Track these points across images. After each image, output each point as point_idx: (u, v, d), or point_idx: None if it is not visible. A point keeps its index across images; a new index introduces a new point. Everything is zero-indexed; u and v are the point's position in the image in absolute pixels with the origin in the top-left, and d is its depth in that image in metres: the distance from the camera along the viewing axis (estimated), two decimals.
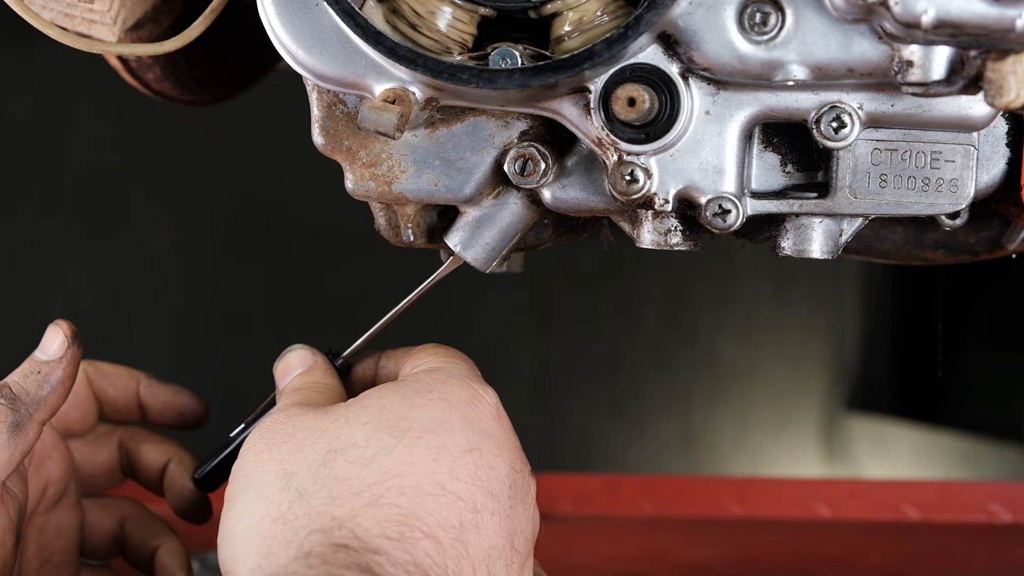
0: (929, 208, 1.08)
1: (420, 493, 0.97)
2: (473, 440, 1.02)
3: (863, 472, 4.34)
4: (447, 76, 0.99)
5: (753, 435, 4.44)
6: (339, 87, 1.06)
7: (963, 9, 0.89)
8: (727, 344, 4.36)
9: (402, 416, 1.02)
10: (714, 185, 1.05)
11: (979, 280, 3.95)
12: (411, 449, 0.99)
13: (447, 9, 1.01)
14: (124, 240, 3.22)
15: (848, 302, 4.44)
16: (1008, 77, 0.87)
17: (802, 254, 1.10)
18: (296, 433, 1.02)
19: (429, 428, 1.01)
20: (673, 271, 4.14)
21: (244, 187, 3.22)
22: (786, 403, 4.45)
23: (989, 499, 1.86)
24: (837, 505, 1.90)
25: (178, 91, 1.43)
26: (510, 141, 1.11)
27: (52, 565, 1.23)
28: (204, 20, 1.16)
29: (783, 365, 4.43)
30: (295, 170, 2.85)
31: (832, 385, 4.46)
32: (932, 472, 4.11)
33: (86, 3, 1.17)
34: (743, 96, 1.04)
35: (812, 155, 1.09)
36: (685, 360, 4.31)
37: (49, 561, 1.23)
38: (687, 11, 0.98)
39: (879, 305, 4.42)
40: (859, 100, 1.03)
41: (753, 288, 4.31)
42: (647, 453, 4.29)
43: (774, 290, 4.33)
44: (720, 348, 4.36)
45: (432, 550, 0.95)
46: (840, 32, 0.98)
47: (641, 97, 1.01)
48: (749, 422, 4.42)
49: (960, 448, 4.06)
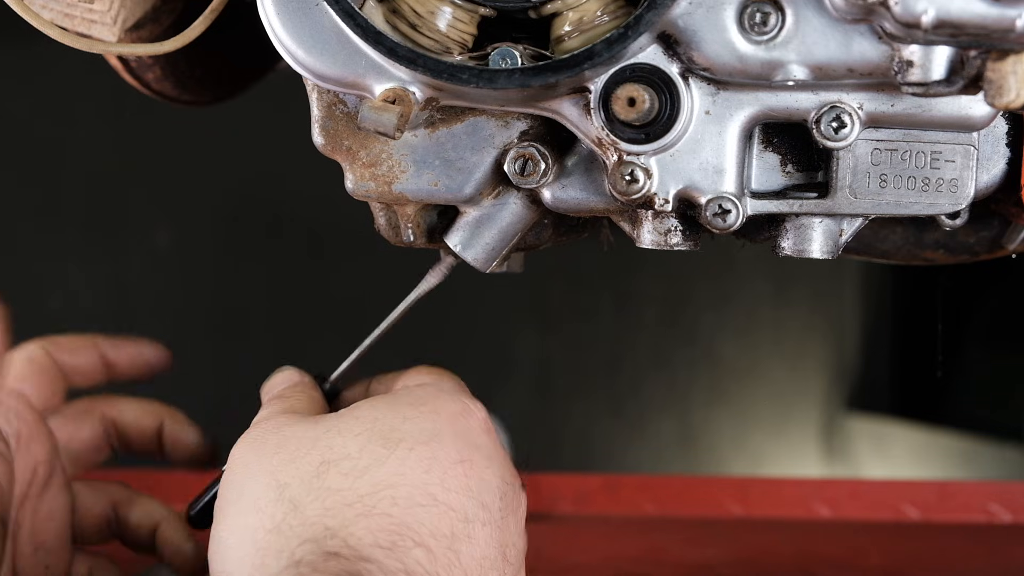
0: (929, 208, 1.08)
1: (412, 503, 0.98)
2: (464, 452, 1.03)
3: (863, 472, 4.34)
4: (447, 76, 0.99)
5: (753, 435, 4.44)
6: (339, 87, 1.06)
7: (963, 9, 0.89)
8: (727, 344, 4.36)
9: (394, 428, 1.03)
10: (714, 185, 1.05)
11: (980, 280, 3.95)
12: (403, 460, 1.00)
13: (447, 9, 1.01)
14: (124, 240, 3.22)
15: (848, 302, 4.44)
16: (1008, 77, 0.87)
17: (802, 254, 1.10)
18: (287, 443, 1.03)
19: (420, 440, 1.02)
20: (673, 271, 4.14)
21: (244, 187, 3.23)
22: (786, 403, 4.45)
23: (989, 499, 1.86)
24: (837, 505, 1.90)
25: (178, 91, 1.43)
26: (510, 141, 1.12)
27: (45, 551, 1.23)
28: (204, 20, 1.16)
29: (783, 365, 4.43)
30: (295, 170, 2.85)
31: (832, 385, 4.46)
32: (932, 472, 4.11)
33: (86, 3, 1.17)
34: (743, 96, 1.04)
35: (812, 155, 1.09)
36: (685, 360, 4.32)
37: (42, 547, 1.23)
38: (687, 11, 0.99)
39: (879, 305, 4.42)
40: (859, 100, 1.03)
41: (753, 288, 4.31)
42: (647, 453, 4.29)
43: (774, 290, 4.33)
44: (720, 348, 4.36)
45: (424, 559, 0.95)
46: (840, 32, 0.98)
47: (641, 97, 1.01)
48: (749, 422, 4.42)
49: (960, 448, 4.06)
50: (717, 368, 4.36)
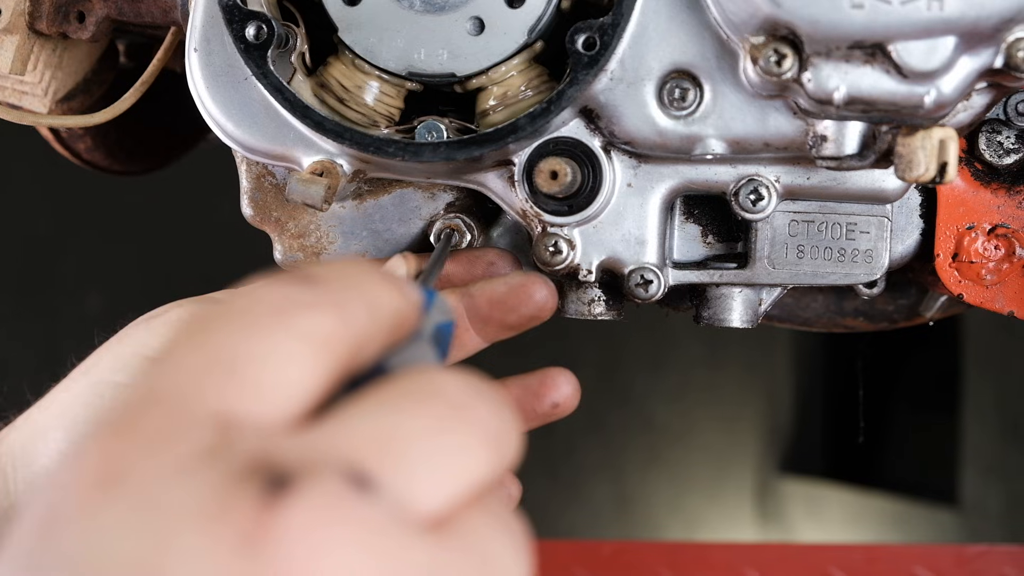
0: (845, 278, 1.10)
1: None
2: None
3: (797, 535, 4.36)
4: (373, 149, 1.01)
5: (688, 498, 4.45)
6: (268, 159, 1.07)
7: (873, 86, 0.92)
8: (662, 407, 4.38)
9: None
10: (636, 256, 1.07)
11: (904, 346, 4.00)
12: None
13: (374, 84, 1.03)
14: (57, 306, 3.20)
15: (781, 366, 4.48)
16: (917, 152, 0.90)
17: (722, 323, 1.12)
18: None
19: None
20: (607, 334, 4.16)
21: (176, 249, 3.22)
22: (721, 466, 4.47)
23: (915, 562, 1.88)
24: (767, 569, 1.92)
25: (109, 161, 1.44)
26: (436, 212, 1.13)
27: None
28: (134, 92, 1.17)
29: (717, 428, 4.45)
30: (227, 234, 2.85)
31: (766, 448, 4.49)
32: (865, 534, 4.14)
33: (17, 75, 1.18)
34: (664, 169, 1.06)
35: (732, 226, 1.12)
36: (619, 423, 4.33)
37: None
38: (608, 87, 1.01)
39: (811, 369, 4.46)
40: (776, 173, 1.05)
41: (687, 351, 4.34)
42: (582, 517, 4.29)
43: (707, 353, 4.36)
44: (655, 411, 4.38)
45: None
46: (756, 108, 1.00)
47: (564, 170, 1.03)
48: (684, 485, 4.43)
49: (892, 510, 4.09)
50: (652, 431, 4.37)
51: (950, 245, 1.13)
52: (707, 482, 4.46)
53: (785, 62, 0.93)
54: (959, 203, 1.13)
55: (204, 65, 1.05)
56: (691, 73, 1.00)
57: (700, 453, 4.43)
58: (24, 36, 1.17)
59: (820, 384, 4.46)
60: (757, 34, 0.95)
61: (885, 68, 0.91)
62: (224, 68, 1.05)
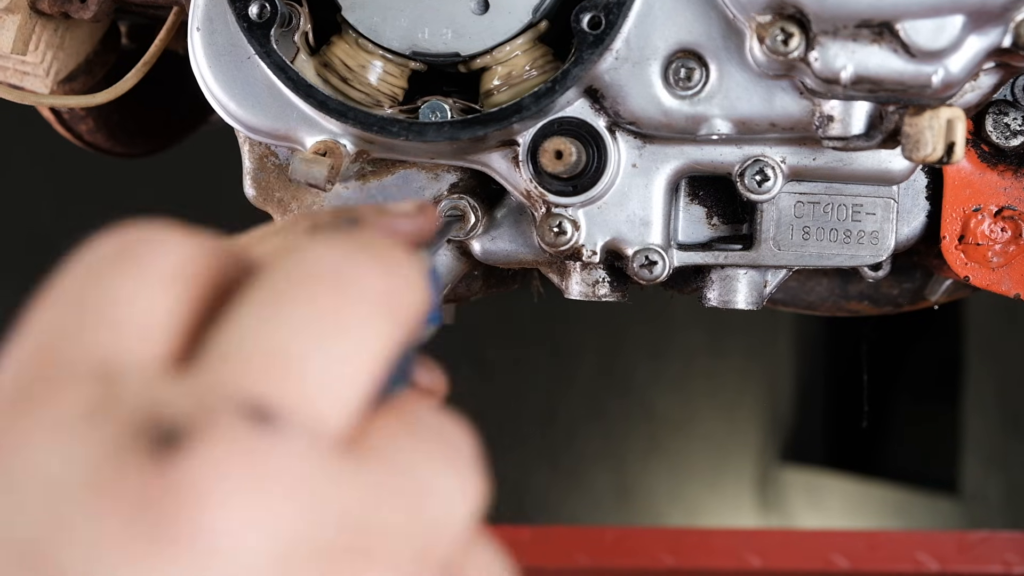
0: (851, 260, 1.10)
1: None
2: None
3: (797, 523, 4.36)
4: (377, 129, 1.00)
5: (689, 486, 4.45)
6: (271, 139, 1.07)
7: (881, 65, 0.91)
8: (663, 395, 4.38)
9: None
10: (641, 237, 1.06)
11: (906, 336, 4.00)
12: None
13: (378, 63, 1.02)
14: None
15: (782, 353, 4.48)
16: (924, 132, 0.89)
17: (727, 305, 1.11)
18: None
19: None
20: (608, 321, 4.16)
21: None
22: (721, 455, 4.47)
23: (917, 549, 1.88)
24: (768, 555, 1.92)
25: (111, 143, 1.44)
26: (440, 193, 1.13)
27: None
28: (136, 72, 1.17)
29: (718, 416, 4.45)
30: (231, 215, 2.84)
31: (767, 437, 4.49)
32: (865, 523, 4.14)
33: (19, 55, 1.17)
34: (669, 149, 1.06)
35: (737, 207, 1.11)
36: (620, 411, 4.33)
37: None
38: (613, 66, 1.00)
39: (813, 357, 4.47)
40: (782, 154, 1.05)
41: (688, 338, 4.34)
42: (583, 505, 4.29)
43: (709, 340, 4.36)
44: (656, 399, 4.38)
45: None
46: (763, 87, 1.00)
47: (568, 150, 1.02)
48: (685, 474, 4.43)
49: (893, 498, 4.09)
50: (653, 419, 4.37)
51: (956, 227, 1.13)
52: (708, 471, 4.46)
53: (792, 41, 0.92)
54: (965, 185, 1.13)
55: (207, 44, 1.05)
56: (697, 53, 1.00)
57: (701, 442, 4.43)
58: (26, 16, 1.16)
59: (821, 373, 4.46)
60: (764, 13, 0.94)
61: (893, 47, 0.91)
62: (227, 47, 1.04)
